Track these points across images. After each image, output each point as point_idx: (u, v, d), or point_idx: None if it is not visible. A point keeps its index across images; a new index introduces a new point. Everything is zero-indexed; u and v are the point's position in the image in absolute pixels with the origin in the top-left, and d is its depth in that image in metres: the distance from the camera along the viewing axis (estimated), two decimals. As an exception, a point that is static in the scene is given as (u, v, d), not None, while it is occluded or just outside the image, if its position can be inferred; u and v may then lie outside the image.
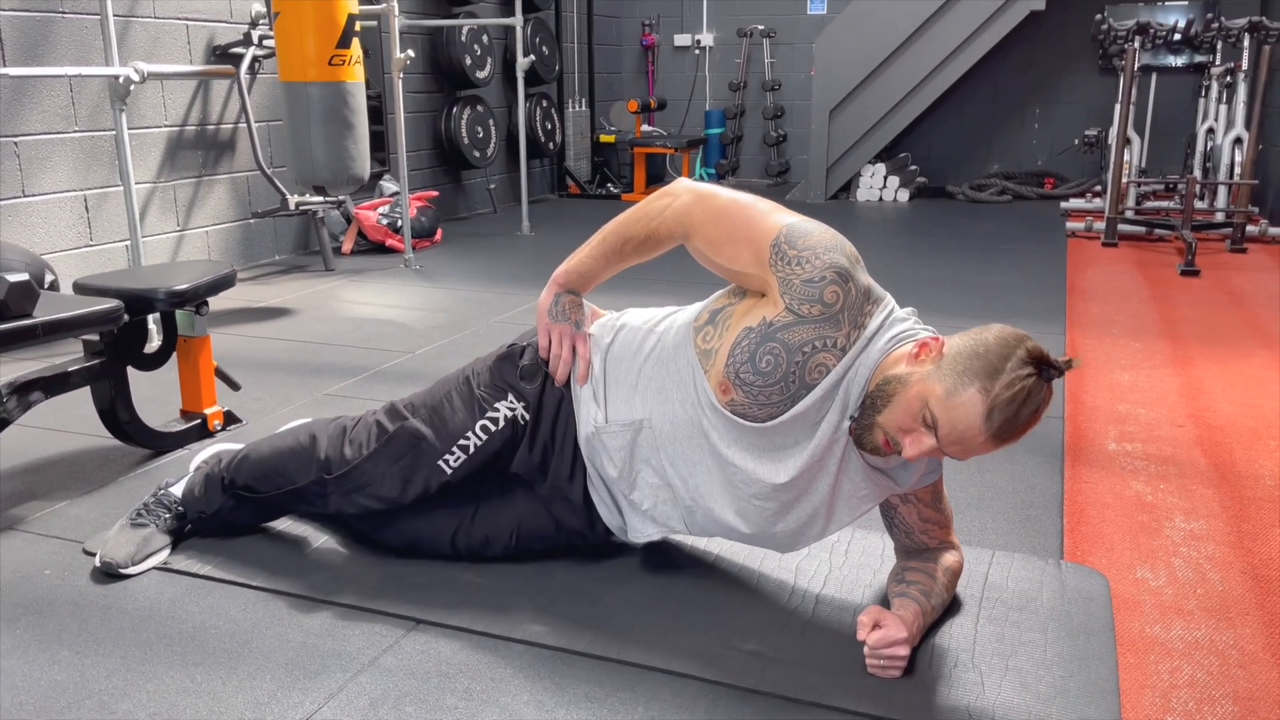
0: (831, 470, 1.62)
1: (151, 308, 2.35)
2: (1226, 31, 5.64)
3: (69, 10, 4.00)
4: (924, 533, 1.76)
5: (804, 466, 1.60)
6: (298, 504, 1.94)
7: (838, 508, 1.67)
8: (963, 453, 1.49)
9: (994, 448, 1.47)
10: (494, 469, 1.83)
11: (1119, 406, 2.89)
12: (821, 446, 1.59)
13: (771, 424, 1.58)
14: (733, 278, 1.66)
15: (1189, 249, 4.81)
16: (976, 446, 1.46)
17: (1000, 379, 1.42)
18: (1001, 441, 1.46)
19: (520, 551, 1.88)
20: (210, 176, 4.76)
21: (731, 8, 8.73)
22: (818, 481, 1.63)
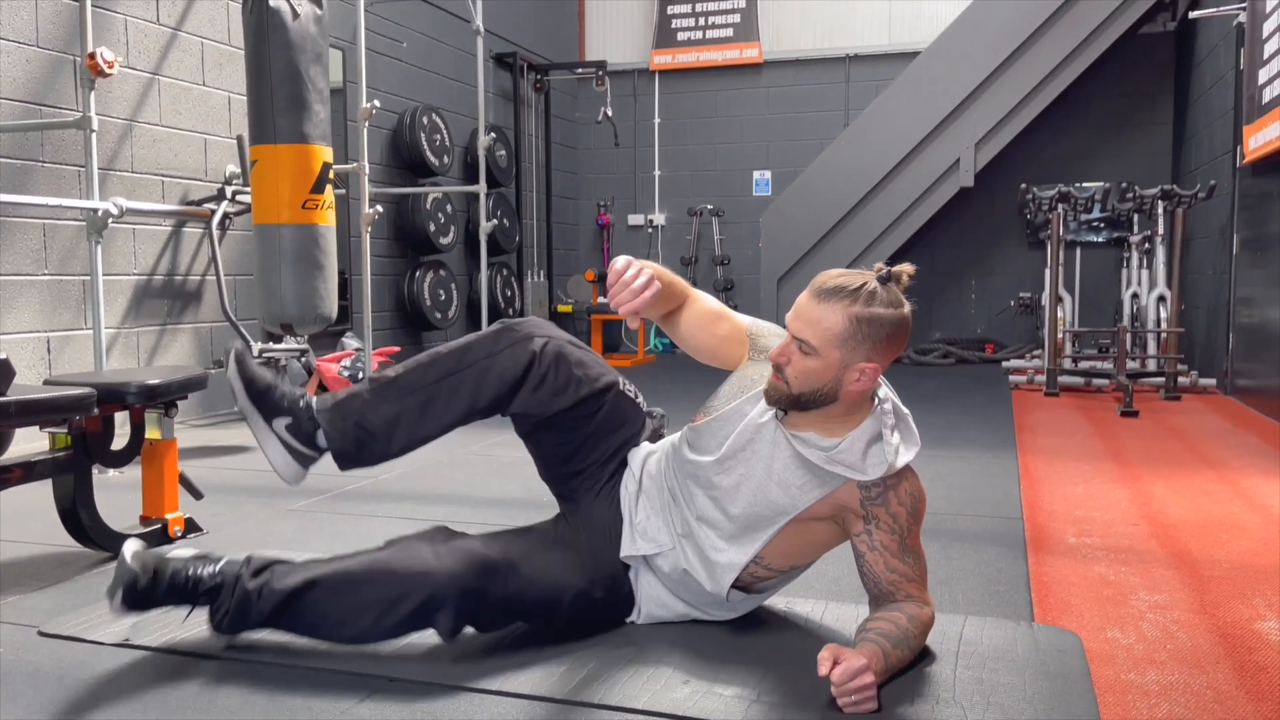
0: (764, 453, 1.77)
1: (122, 401, 2.36)
2: (1141, 199, 6.08)
3: (49, 160, 4.15)
4: (891, 584, 1.75)
5: (736, 443, 1.78)
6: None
7: (772, 489, 1.76)
8: (793, 318, 1.68)
9: (808, 300, 1.67)
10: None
11: (1075, 511, 2.95)
12: (753, 424, 1.78)
13: (713, 416, 1.82)
14: (713, 342, 1.93)
15: (1126, 392, 5.02)
16: (801, 306, 1.68)
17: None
18: (813, 292, 1.67)
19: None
20: (175, 325, 4.82)
21: (682, 189, 9.23)
22: (753, 465, 1.77)
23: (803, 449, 1.73)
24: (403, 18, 6.56)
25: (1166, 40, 7.94)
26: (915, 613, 1.72)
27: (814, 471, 1.73)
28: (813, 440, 1.73)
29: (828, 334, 1.64)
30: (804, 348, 1.66)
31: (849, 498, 1.74)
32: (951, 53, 7.40)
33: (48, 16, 4.15)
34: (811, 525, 1.78)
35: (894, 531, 1.73)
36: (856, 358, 1.65)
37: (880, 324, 1.64)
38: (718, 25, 9.03)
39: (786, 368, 1.68)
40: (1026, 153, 7.92)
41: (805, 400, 1.70)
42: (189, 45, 4.87)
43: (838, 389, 1.68)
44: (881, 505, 1.73)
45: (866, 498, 1.73)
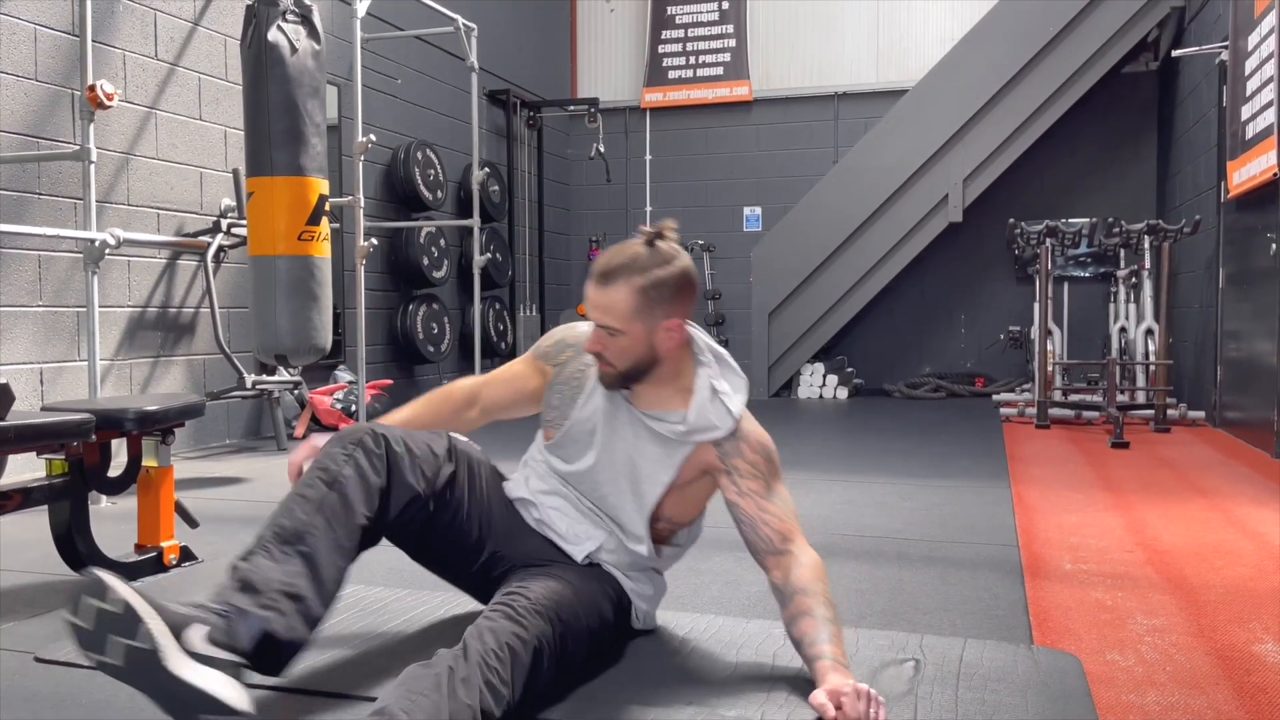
0: (628, 438, 1.86)
1: (120, 427, 2.36)
2: (1128, 234, 6.15)
3: (46, 192, 4.17)
4: (765, 524, 1.79)
5: (602, 440, 1.87)
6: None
7: (644, 468, 1.86)
8: (591, 310, 1.77)
9: (595, 289, 1.75)
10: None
11: (1070, 539, 2.97)
12: (608, 416, 1.87)
13: (568, 425, 1.91)
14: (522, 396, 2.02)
15: (1117, 424, 5.05)
16: (592, 296, 1.77)
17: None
18: (596, 279, 1.75)
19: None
20: (168, 357, 4.82)
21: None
22: (620, 453, 1.87)
23: (658, 427, 1.85)
24: (398, 54, 6.63)
25: (1149, 79, 8.08)
26: (812, 578, 1.74)
27: (667, 443, 1.85)
28: (664, 418, 1.85)
29: (623, 312, 1.75)
30: (610, 331, 1.77)
31: (708, 456, 1.85)
32: (939, 90, 7.51)
33: (46, 50, 4.19)
34: (689, 486, 1.89)
35: (756, 477, 1.83)
36: (656, 321, 1.76)
37: (663, 284, 1.75)
38: (708, 64, 9.15)
39: (605, 353, 1.80)
40: (1013, 189, 8.02)
41: (633, 373, 1.82)
42: (186, 80, 4.91)
43: (655, 352, 1.80)
44: (737, 456, 1.83)
45: (722, 453, 1.84)
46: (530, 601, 1.65)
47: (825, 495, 3.68)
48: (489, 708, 1.46)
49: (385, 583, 2.40)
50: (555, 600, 1.69)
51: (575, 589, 1.77)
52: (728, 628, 2.06)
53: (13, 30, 4.05)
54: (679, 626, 2.05)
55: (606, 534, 1.91)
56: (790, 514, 1.83)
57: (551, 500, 1.95)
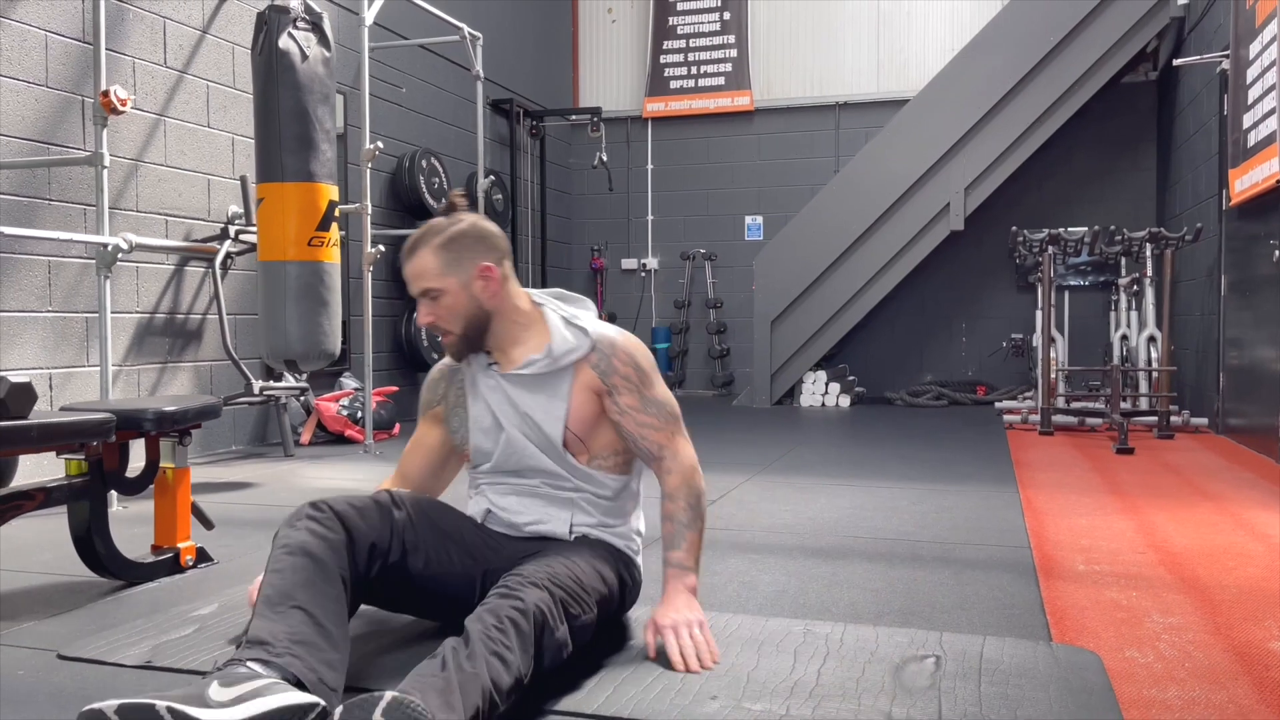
0: (512, 402, 1.95)
1: (139, 428, 2.37)
2: (1130, 242, 6.18)
3: (56, 198, 4.18)
4: (644, 438, 1.95)
5: (489, 413, 1.98)
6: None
7: (536, 414, 1.94)
8: (411, 286, 1.89)
9: (407, 267, 1.89)
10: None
11: (1081, 541, 2.98)
12: (492, 400, 1.97)
13: (472, 432, 2.03)
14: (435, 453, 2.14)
15: (1121, 430, 5.06)
16: (407, 274, 1.89)
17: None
18: (405, 258, 1.89)
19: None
20: (175, 363, 4.83)
21: (675, 234, 9.32)
22: (513, 421, 1.96)
23: (529, 371, 1.94)
24: (402, 63, 6.66)
25: (1148, 89, 8.13)
26: (678, 484, 1.93)
27: (546, 383, 1.94)
28: (532, 362, 1.94)
29: (434, 271, 1.87)
30: (430, 294, 1.89)
31: (589, 379, 1.94)
32: (940, 100, 7.55)
33: (57, 57, 4.21)
34: (591, 409, 1.96)
35: (631, 390, 1.95)
36: (467, 271, 1.88)
37: (460, 236, 1.89)
38: (709, 74, 9.19)
39: (439, 321, 1.91)
40: (1013, 198, 8.06)
41: (472, 331, 1.92)
42: (195, 88, 4.93)
43: (479, 302, 1.91)
44: (613, 373, 1.94)
45: (600, 373, 1.94)
46: (523, 577, 1.70)
47: (835, 499, 3.69)
48: (498, 676, 1.49)
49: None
50: (548, 570, 1.74)
51: (567, 557, 1.83)
52: (747, 625, 2.07)
53: (24, 37, 4.07)
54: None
55: (570, 500, 1.98)
56: (665, 418, 1.97)
57: (507, 500, 2.00)
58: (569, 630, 1.67)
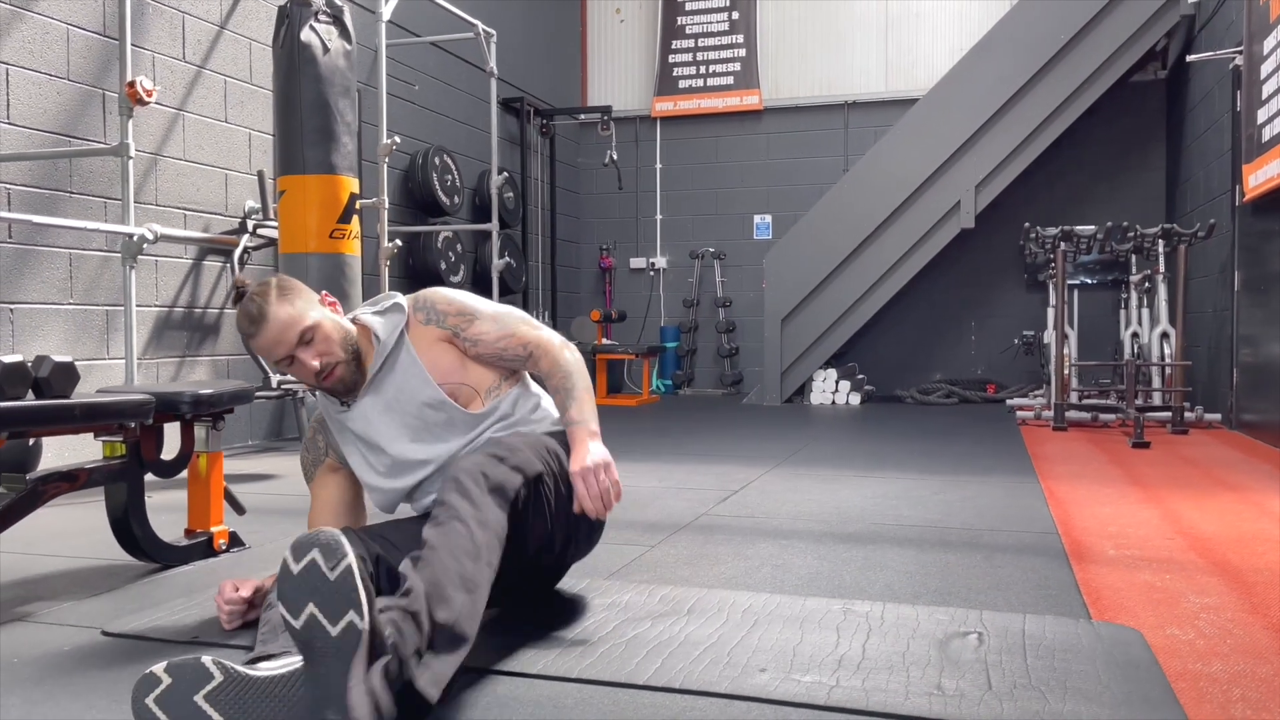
0: (388, 415, 2.00)
1: (176, 410, 2.37)
2: (1142, 238, 6.19)
3: (77, 190, 4.20)
4: (506, 350, 2.02)
5: (366, 449, 2.03)
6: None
7: (407, 402, 1.98)
8: (274, 349, 1.90)
9: (264, 339, 1.89)
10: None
11: (1108, 528, 2.98)
12: (362, 422, 2.02)
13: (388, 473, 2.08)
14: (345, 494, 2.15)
15: (1138, 424, 5.07)
16: (267, 344, 1.90)
17: None
18: (256, 331, 1.89)
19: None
20: (193, 357, 4.84)
21: (683, 233, 9.34)
22: (392, 427, 2.00)
23: (377, 374, 1.99)
24: (415, 61, 6.68)
25: (1157, 87, 8.15)
26: (550, 363, 2.00)
27: (394, 371, 1.99)
28: (373, 363, 1.99)
29: (297, 315, 1.89)
30: (305, 338, 1.89)
31: (428, 335, 2.01)
32: (951, 98, 7.57)
33: (79, 50, 4.22)
34: (457, 367, 2.02)
35: (468, 320, 2.02)
36: (315, 303, 1.95)
37: (283, 286, 1.93)
38: (718, 73, 9.21)
39: (325, 357, 1.91)
40: (1022, 197, 8.07)
41: (351, 353, 1.95)
42: (213, 82, 4.95)
43: (343, 325, 1.97)
44: (443, 317, 2.02)
45: (434, 323, 2.02)
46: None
47: (859, 489, 3.70)
48: (505, 478, 1.75)
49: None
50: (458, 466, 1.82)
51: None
52: (786, 604, 2.08)
53: (46, 30, 4.08)
54: (738, 604, 2.07)
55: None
56: (512, 322, 2.04)
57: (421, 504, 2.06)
58: (508, 468, 1.78)
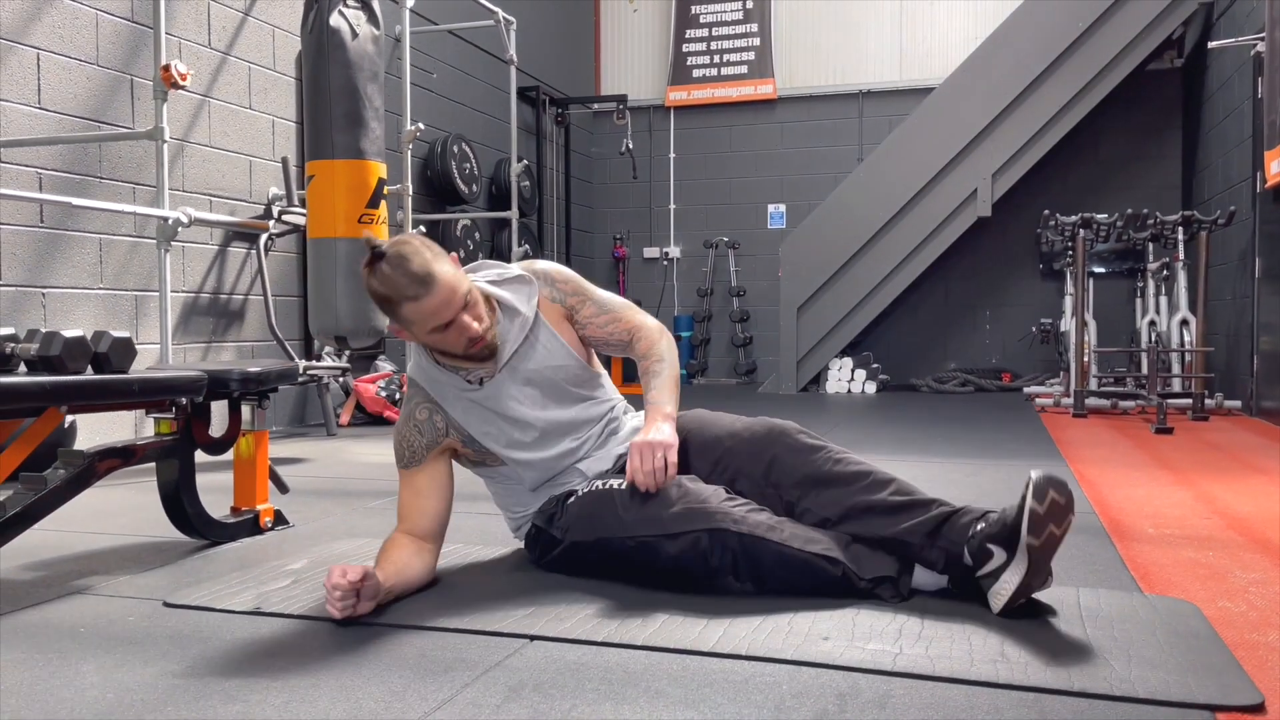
0: (519, 379, 2.05)
1: (226, 388, 2.39)
2: (1162, 225, 6.19)
3: (106, 176, 4.21)
4: (611, 335, 2.13)
5: (505, 420, 2.06)
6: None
7: (549, 373, 2.06)
8: (439, 315, 1.87)
9: (421, 302, 1.85)
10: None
11: (1143, 509, 2.99)
12: (492, 396, 2.05)
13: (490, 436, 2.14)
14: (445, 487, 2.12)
15: (1160, 410, 5.08)
16: (429, 311, 1.86)
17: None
18: (412, 295, 1.84)
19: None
20: (219, 343, 4.86)
21: (697, 222, 9.34)
22: (528, 397, 2.06)
23: (509, 353, 2.01)
24: (433, 49, 6.68)
25: (1173, 76, 8.14)
26: (646, 347, 2.09)
27: (536, 346, 2.04)
28: (506, 339, 2.01)
29: (460, 278, 1.88)
30: (469, 299, 1.89)
31: (555, 313, 2.09)
32: (968, 86, 7.56)
33: (107, 36, 4.23)
34: (580, 344, 2.13)
35: (583, 302, 2.11)
36: (454, 266, 1.91)
37: (435, 249, 1.88)
38: (732, 62, 9.21)
39: (482, 324, 1.92)
40: (1037, 187, 8.07)
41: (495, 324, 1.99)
42: (237, 69, 4.96)
43: (482, 289, 2.00)
44: (565, 296, 2.10)
45: (559, 301, 2.09)
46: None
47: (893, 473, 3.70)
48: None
49: (482, 543, 2.44)
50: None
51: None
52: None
53: (75, 15, 4.09)
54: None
55: (610, 411, 2.18)
56: (619, 307, 2.14)
57: (591, 462, 2.12)
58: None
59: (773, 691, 1.46)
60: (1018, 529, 1.76)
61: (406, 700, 1.43)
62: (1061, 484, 1.77)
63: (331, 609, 1.76)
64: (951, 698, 1.44)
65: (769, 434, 2.04)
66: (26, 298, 3.86)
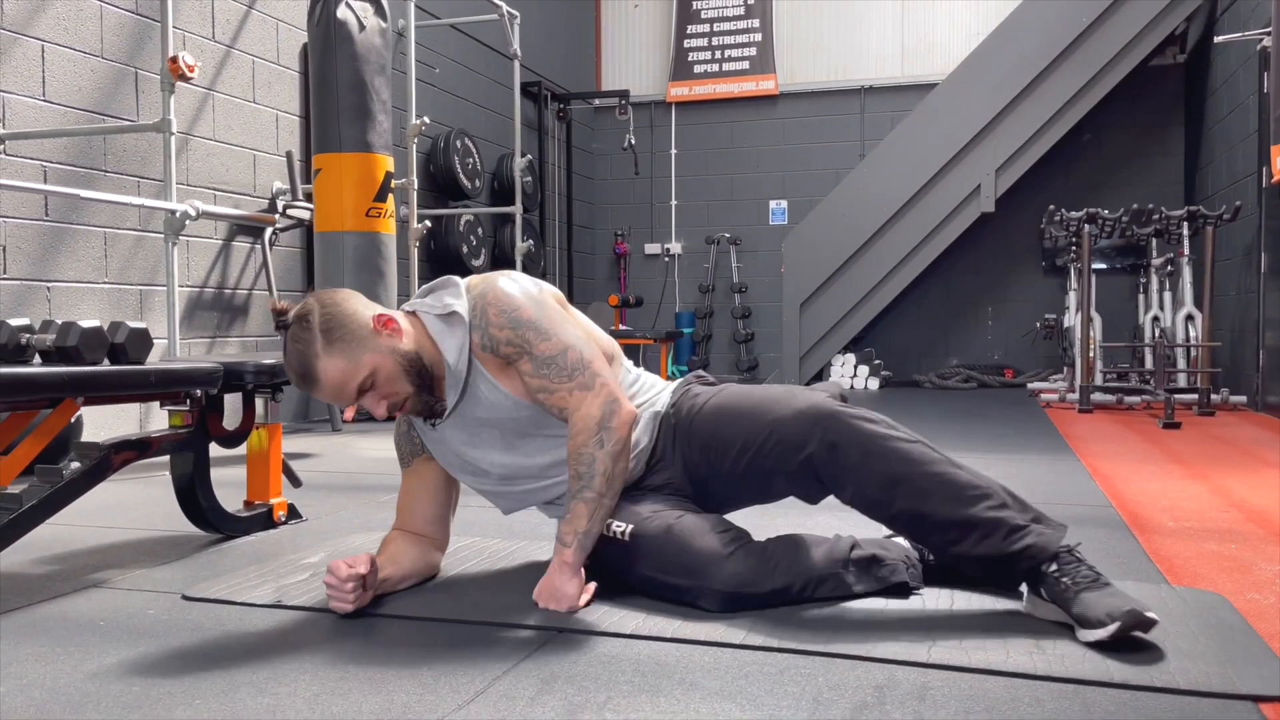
0: (482, 429, 1.87)
1: (242, 380, 2.37)
2: (1168, 220, 6.19)
3: (111, 169, 4.18)
4: (554, 406, 1.79)
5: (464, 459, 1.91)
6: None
7: (494, 437, 1.87)
8: (336, 396, 1.76)
9: (322, 390, 1.74)
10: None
11: (1160, 502, 2.98)
12: (445, 443, 1.91)
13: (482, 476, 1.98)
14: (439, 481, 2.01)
15: (1168, 405, 5.07)
16: (326, 394, 1.76)
17: None
18: (309, 386, 1.75)
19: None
20: (223, 338, 4.83)
21: (698, 218, 9.32)
22: (487, 435, 1.88)
23: (449, 406, 1.82)
24: (435, 44, 6.65)
25: (1176, 72, 8.13)
26: (573, 450, 1.75)
27: (474, 400, 1.83)
28: (450, 389, 1.82)
29: (347, 371, 1.72)
30: (364, 387, 1.74)
31: (492, 363, 1.80)
32: (971, 82, 7.55)
33: (111, 28, 4.20)
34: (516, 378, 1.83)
35: (519, 352, 1.78)
36: (367, 340, 1.73)
37: (330, 329, 1.71)
38: (734, 58, 9.19)
39: (390, 399, 1.77)
40: (1039, 184, 8.06)
41: (420, 378, 1.78)
42: (241, 63, 4.93)
43: (403, 353, 1.76)
44: (496, 344, 1.78)
45: (490, 349, 1.78)
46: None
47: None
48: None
49: (499, 536, 2.42)
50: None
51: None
52: (863, 571, 2.06)
53: (80, 7, 4.06)
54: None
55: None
56: (557, 376, 1.77)
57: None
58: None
59: (809, 683, 1.44)
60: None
61: (439, 692, 1.41)
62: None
63: (341, 604, 1.73)
64: (991, 689, 1.42)
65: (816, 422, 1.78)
66: (32, 291, 3.83)
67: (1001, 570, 1.74)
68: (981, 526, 1.69)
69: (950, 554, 1.76)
